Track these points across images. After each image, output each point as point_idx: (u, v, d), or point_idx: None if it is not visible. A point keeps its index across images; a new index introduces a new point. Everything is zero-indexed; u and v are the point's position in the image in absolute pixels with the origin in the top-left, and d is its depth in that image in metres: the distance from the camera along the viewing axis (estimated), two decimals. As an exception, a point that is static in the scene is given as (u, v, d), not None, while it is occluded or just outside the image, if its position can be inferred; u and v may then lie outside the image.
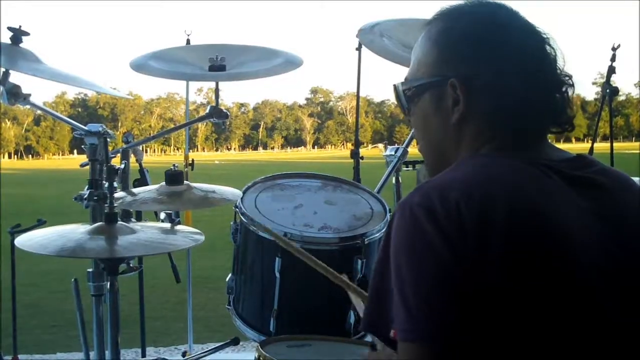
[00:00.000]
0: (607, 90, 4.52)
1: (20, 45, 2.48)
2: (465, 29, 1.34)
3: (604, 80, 4.58)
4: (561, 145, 1.49)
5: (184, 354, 4.11)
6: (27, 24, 2.48)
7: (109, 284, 2.38)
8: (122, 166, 2.77)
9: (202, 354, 3.54)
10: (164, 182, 2.74)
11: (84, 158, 2.68)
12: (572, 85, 1.35)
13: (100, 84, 2.84)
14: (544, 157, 1.30)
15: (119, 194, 2.61)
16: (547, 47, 1.33)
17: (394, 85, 1.45)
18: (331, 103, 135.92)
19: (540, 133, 1.35)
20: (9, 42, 2.47)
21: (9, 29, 2.48)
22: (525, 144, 1.31)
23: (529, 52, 1.31)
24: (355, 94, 4.16)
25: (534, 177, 1.24)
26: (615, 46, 4.45)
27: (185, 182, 2.81)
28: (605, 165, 1.36)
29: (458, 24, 1.35)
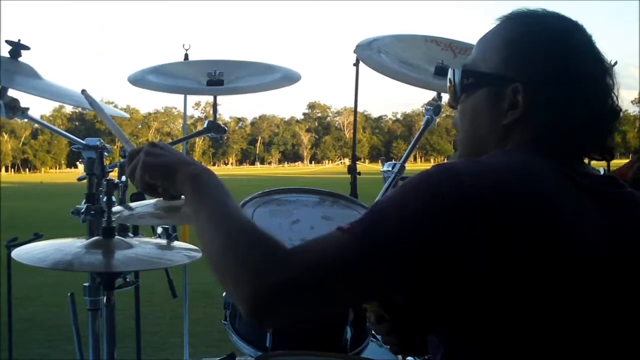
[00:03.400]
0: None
1: (19, 59, 2.48)
2: (542, 39, 1.33)
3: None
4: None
5: (180, 369, 4.10)
6: (26, 37, 2.49)
7: (105, 298, 2.37)
8: (124, 179, 2.76)
9: (198, 369, 3.52)
10: (161, 197, 2.73)
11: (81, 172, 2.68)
12: (619, 118, 1.36)
13: (98, 101, 2.83)
14: (577, 171, 1.31)
15: (116, 208, 2.61)
16: (608, 77, 1.35)
17: (452, 70, 1.42)
18: (328, 118, 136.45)
19: (581, 156, 1.37)
20: (8, 56, 2.47)
21: (8, 42, 2.48)
22: (565, 160, 1.31)
23: (595, 80, 1.32)
24: (353, 109, 4.17)
25: (565, 185, 1.25)
26: (613, 63, 4.47)
27: (182, 196, 2.79)
28: (631, 189, 1.37)
29: (535, 32, 1.35)
